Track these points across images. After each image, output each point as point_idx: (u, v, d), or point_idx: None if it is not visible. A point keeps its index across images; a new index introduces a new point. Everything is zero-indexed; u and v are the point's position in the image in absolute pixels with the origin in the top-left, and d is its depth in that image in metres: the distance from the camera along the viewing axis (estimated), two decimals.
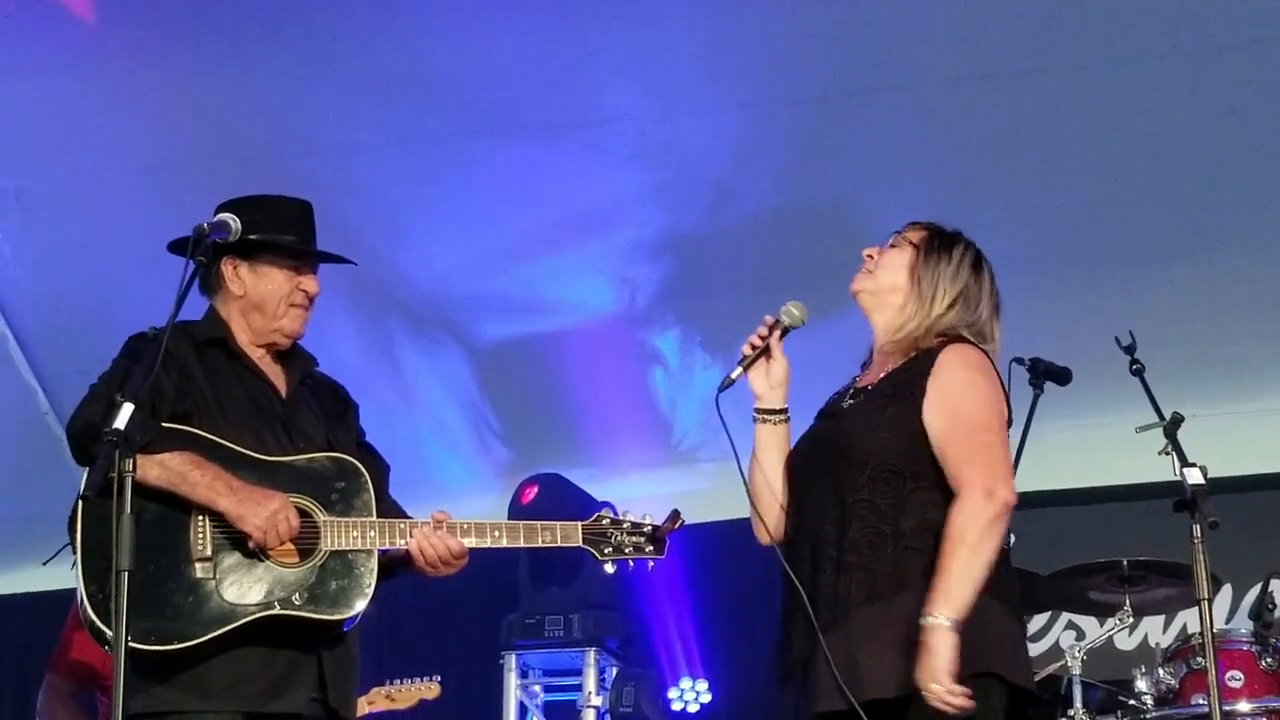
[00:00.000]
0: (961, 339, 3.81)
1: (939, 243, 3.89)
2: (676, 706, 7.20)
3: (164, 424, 3.88)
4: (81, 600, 3.79)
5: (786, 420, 3.94)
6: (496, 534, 4.06)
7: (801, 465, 3.85)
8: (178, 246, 4.09)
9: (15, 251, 7.45)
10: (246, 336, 4.14)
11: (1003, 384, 3.85)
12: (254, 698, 3.86)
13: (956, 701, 3.46)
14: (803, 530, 3.76)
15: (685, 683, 7.27)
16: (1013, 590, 3.77)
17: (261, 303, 4.11)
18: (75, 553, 3.84)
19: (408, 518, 4.10)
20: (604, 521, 4.10)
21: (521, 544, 4.11)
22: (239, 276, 4.11)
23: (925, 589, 3.57)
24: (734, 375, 3.90)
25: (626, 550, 4.10)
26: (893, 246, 3.92)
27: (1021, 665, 3.74)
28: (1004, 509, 3.62)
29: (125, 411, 3.47)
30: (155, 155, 6.96)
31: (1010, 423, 3.86)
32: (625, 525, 4.11)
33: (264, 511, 3.83)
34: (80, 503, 3.80)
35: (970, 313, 3.84)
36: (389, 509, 4.12)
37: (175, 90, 6.78)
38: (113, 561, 3.42)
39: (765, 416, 3.92)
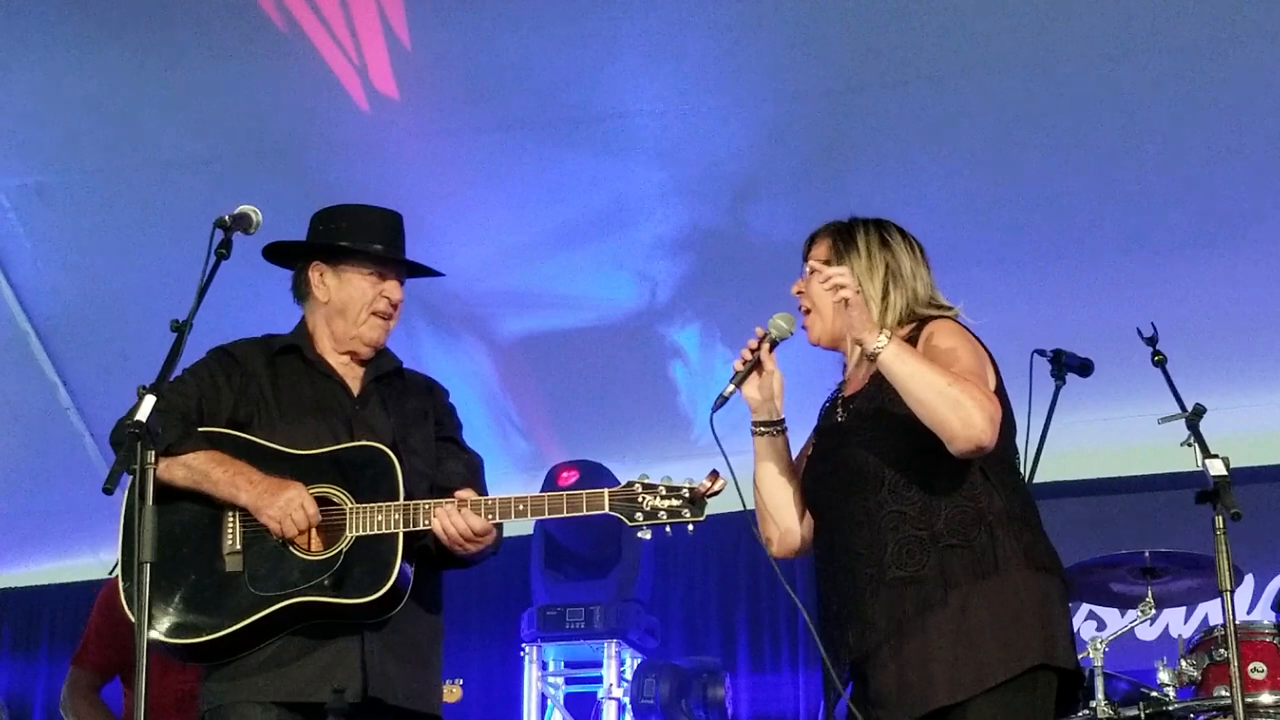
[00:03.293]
0: (934, 318, 3.76)
1: (843, 244, 3.83)
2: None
3: (211, 429, 3.99)
4: (121, 597, 3.86)
5: (784, 431, 3.86)
6: (521, 508, 4.00)
7: (819, 490, 3.79)
8: (275, 254, 4.20)
9: (37, 247, 7.47)
10: (329, 343, 4.19)
11: (990, 356, 3.78)
12: (295, 687, 3.90)
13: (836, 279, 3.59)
14: (836, 554, 3.71)
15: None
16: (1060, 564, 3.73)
17: (344, 308, 4.16)
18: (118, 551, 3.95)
19: None
20: (635, 488, 3.91)
21: (546, 514, 4.04)
22: (324, 282, 4.18)
23: (974, 582, 3.56)
24: (727, 392, 3.78)
25: (661, 516, 3.90)
26: (813, 273, 3.84)
27: (1072, 648, 3.68)
28: (981, 438, 3.52)
29: (147, 404, 3.47)
30: (178, 152, 6.98)
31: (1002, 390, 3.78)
32: (660, 490, 3.92)
33: (279, 501, 3.87)
34: (125, 501, 3.86)
35: (908, 286, 3.80)
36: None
37: (198, 87, 6.80)
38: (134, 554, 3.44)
39: (763, 429, 3.85)
